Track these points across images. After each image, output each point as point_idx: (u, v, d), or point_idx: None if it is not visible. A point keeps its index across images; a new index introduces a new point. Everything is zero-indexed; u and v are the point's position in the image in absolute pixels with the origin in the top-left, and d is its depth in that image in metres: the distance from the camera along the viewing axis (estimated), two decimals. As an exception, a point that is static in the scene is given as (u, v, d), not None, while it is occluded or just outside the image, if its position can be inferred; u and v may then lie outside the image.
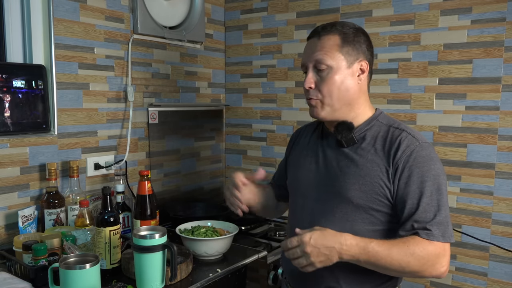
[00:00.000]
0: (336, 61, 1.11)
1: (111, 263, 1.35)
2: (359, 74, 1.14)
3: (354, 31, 1.14)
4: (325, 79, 1.12)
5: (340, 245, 1.02)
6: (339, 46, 1.12)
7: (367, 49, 1.15)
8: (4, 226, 1.53)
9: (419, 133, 1.13)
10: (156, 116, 2.05)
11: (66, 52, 1.68)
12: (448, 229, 1.06)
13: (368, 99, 1.21)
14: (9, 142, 1.53)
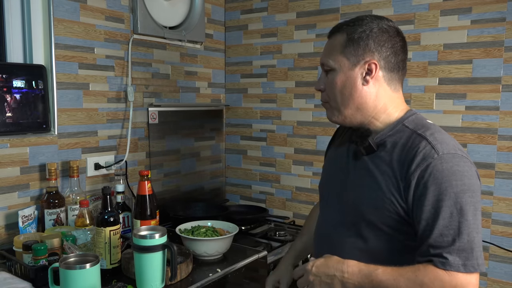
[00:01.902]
0: (338, 63, 1.03)
1: (111, 263, 1.35)
2: (365, 75, 1.02)
3: (364, 28, 1.02)
4: (329, 82, 1.06)
5: (341, 273, 0.96)
6: (342, 47, 1.03)
7: (380, 46, 1.01)
8: (4, 226, 1.53)
9: (446, 142, 0.96)
10: (156, 116, 2.05)
11: (66, 52, 1.68)
12: (472, 257, 0.89)
13: (395, 100, 1.06)
14: (9, 142, 1.53)
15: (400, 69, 1.05)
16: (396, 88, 1.06)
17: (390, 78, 1.04)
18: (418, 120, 1.04)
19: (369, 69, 1.02)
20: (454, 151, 0.94)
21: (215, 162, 2.43)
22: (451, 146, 0.95)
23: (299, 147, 2.24)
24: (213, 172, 2.42)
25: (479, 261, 0.90)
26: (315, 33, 2.14)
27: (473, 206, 0.91)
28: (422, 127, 1.01)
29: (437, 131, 0.99)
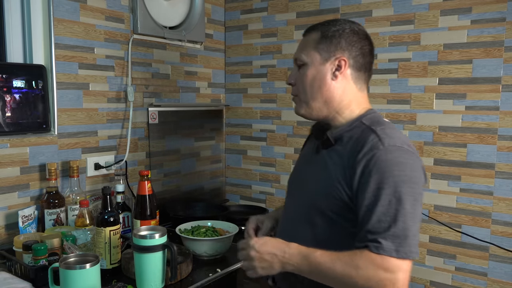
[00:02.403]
0: (311, 58, 1.09)
1: (111, 263, 1.35)
2: (334, 70, 1.08)
3: (338, 27, 1.08)
4: (300, 76, 1.11)
5: (283, 253, 0.99)
6: (315, 43, 1.09)
7: (351, 45, 1.07)
8: (4, 226, 1.53)
9: (394, 136, 1.00)
10: (156, 116, 2.05)
11: (66, 52, 1.68)
12: (405, 244, 0.91)
13: (360, 99, 1.11)
14: (9, 142, 1.53)
15: (366, 70, 1.11)
16: (362, 87, 1.12)
17: (357, 77, 1.10)
18: (375, 118, 1.09)
19: (339, 65, 1.08)
20: (400, 144, 0.98)
21: (215, 162, 2.43)
22: (397, 140, 0.99)
23: (299, 147, 2.24)
24: (213, 172, 2.42)
25: (412, 248, 0.92)
26: (315, 33, 2.13)
27: (413, 197, 0.94)
28: (376, 123, 1.05)
29: (389, 128, 1.04)
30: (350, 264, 0.93)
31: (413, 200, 0.94)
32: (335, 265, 0.94)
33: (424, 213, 1.90)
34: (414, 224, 0.94)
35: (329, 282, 0.97)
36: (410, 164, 0.96)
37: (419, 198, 0.97)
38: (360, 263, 0.92)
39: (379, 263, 0.91)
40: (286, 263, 0.99)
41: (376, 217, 0.93)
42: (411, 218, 0.93)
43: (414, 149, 1.01)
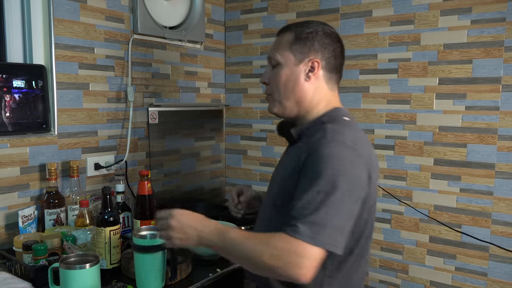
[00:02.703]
0: (285, 58, 1.11)
1: (111, 263, 1.35)
2: (308, 71, 1.11)
3: (311, 29, 1.11)
4: (274, 75, 1.13)
5: (202, 227, 1.01)
6: (290, 44, 1.11)
7: (324, 47, 1.10)
8: (4, 226, 1.53)
9: (341, 133, 1.01)
10: (156, 116, 2.05)
11: (66, 52, 1.68)
12: (323, 233, 0.89)
13: (330, 98, 1.14)
14: (9, 142, 1.53)
15: (338, 71, 1.15)
16: (333, 87, 1.15)
17: (329, 77, 1.13)
18: (335, 115, 1.10)
19: (312, 67, 1.10)
20: (343, 140, 0.99)
21: (215, 162, 2.43)
22: (341, 136, 1.00)
23: (299, 147, 2.24)
24: (213, 172, 2.42)
25: (330, 239, 0.90)
26: (315, 33, 2.13)
27: (346, 192, 0.93)
28: (333, 121, 1.08)
29: (342, 125, 1.06)
30: (262, 242, 0.93)
31: (341, 196, 0.93)
32: (247, 241, 0.95)
33: (424, 213, 1.90)
34: (338, 217, 0.92)
35: (240, 259, 0.97)
36: (349, 160, 0.96)
37: (353, 195, 0.95)
38: (272, 242, 0.92)
39: (292, 245, 0.90)
40: (203, 237, 1.01)
41: (301, 204, 0.93)
42: (337, 210, 0.92)
43: (362, 149, 1.01)
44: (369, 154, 1.05)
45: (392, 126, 1.96)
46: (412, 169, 1.93)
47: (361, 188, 0.98)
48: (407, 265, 1.97)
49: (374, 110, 2.00)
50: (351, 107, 2.06)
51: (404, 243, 1.97)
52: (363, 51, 2.01)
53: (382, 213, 2.02)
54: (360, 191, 0.98)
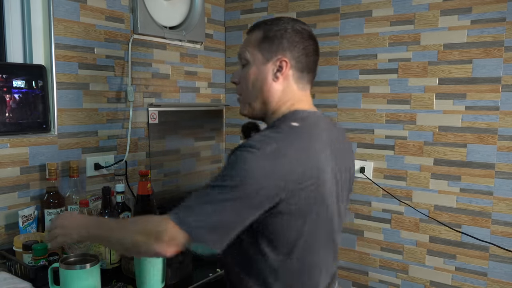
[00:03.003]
0: (253, 57, 1.08)
1: (111, 263, 1.35)
2: (276, 71, 1.07)
3: (280, 27, 1.07)
4: (244, 74, 1.10)
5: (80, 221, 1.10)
6: (258, 42, 1.08)
7: (293, 46, 1.06)
8: (4, 226, 1.53)
9: (263, 139, 0.95)
10: (156, 116, 2.05)
11: (66, 52, 1.68)
12: (190, 215, 0.90)
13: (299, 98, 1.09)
14: (9, 142, 1.53)
15: (310, 71, 1.10)
16: (304, 88, 1.10)
17: (298, 77, 1.08)
18: (286, 119, 1.05)
19: (280, 66, 1.06)
20: (263, 148, 0.92)
21: (215, 162, 2.43)
22: (264, 144, 0.93)
23: (299, 147, 2.24)
24: (213, 172, 2.42)
25: (194, 224, 0.89)
26: (315, 33, 2.13)
27: (239, 197, 0.90)
28: (279, 125, 1.03)
29: (280, 132, 0.99)
30: (128, 220, 1.01)
31: (240, 200, 0.90)
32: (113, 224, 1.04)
33: (424, 213, 1.90)
34: (222, 216, 0.90)
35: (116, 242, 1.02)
36: (251, 164, 0.91)
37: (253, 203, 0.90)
38: (139, 219, 0.98)
39: (157, 220, 0.94)
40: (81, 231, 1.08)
41: (196, 193, 0.94)
42: (217, 207, 0.90)
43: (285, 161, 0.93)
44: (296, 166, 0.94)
45: (392, 126, 1.96)
46: (412, 169, 1.93)
47: (260, 198, 0.90)
48: (407, 265, 1.97)
49: (374, 110, 2.00)
50: (351, 107, 2.06)
51: (404, 243, 1.97)
52: (363, 51, 2.01)
53: (382, 213, 2.02)
54: (256, 200, 0.90)
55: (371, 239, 2.06)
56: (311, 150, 0.99)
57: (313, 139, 1.02)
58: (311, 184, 0.96)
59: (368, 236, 2.06)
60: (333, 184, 1.04)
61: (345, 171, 1.12)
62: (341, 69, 2.08)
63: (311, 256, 1.03)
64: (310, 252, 1.03)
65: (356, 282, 2.12)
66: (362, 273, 2.10)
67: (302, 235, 0.99)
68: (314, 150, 1.00)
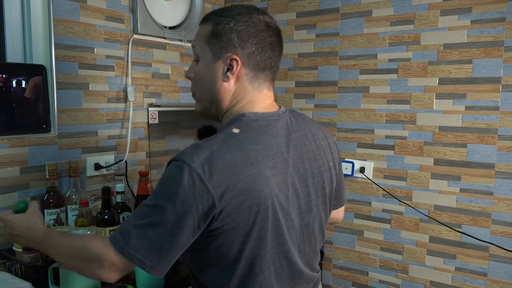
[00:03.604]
0: (203, 53, 0.97)
1: (111, 263, 1.35)
2: (226, 71, 0.95)
3: (229, 19, 0.95)
4: (196, 71, 1.00)
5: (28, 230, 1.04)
6: (207, 37, 0.96)
7: (244, 41, 0.94)
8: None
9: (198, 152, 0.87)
10: (156, 116, 2.05)
11: (66, 52, 1.68)
12: (128, 240, 0.85)
13: (254, 99, 0.98)
14: (9, 142, 1.53)
15: (267, 68, 0.98)
16: (260, 87, 0.98)
17: (253, 76, 0.97)
18: (231, 124, 0.95)
19: (230, 65, 0.95)
20: (190, 162, 0.86)
21: (215, 162, 2.43)
22: (191, 154, 0.87)
23: (299, 147, 2.24)
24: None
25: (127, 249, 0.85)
26: (315, 33, 2.14)
27: (160, 211, 0.85)
28: (220, 132, 0.94)
29: (212, 139, 0.90)
30: (73, 240, 0.96)
31: (157, 212, 0.85)
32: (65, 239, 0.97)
33: (424, 213, 1.90)
34: (142, 230, 0.85)
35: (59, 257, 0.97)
36: (174, 179, 0.87)
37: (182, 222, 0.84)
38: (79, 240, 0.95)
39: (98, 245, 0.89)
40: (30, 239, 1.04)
41: (132, 213, 0.91)
42: (142, 223, 0.86)
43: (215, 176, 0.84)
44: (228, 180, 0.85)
45: (392, 126, 1.96)
46: (412, 169, 1.93)
47: (193, 217, 0.84)
48: (407, 265, 1.97)
49: (374, 110, 2.00)
50: (351, 107, 2.06)
51: (404, 243, 1.97)
52: (363, 51, 2.01)
53: (382, 213, 2.02)
54: (190, 220, 0.84)
55: (371, 239, 2.06)
56: (245, 160, 0.87)
57: (251, 148, 0.89)
58: (247, 199, 0.86)
59: (368, 236, 2.06)
60: (288, 196, 0.93)
61: (318, 174, 1.01)
62: (341, 69, 2.08)
63: (256, 276, 0.92)
64: (254, 273, 0.92)
65: (356, 282, 2.12)
66: (362, 273, 2.10)
67: (242, 255, 0.90)
68: (250, 160, 0.88)
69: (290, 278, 0.98)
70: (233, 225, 0.87)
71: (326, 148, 1.06)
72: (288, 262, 0.96)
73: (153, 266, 0.85)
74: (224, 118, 1.00)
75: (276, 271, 0.95)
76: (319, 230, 1.04)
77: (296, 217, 0.96)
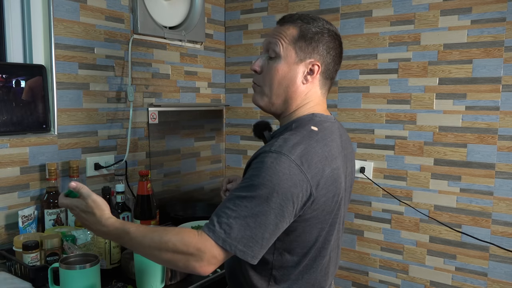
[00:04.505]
0: (286, 52, 1.03)
1: (111, 263, 1.35)
2: (306, 74, 1.05)
3: (318, 29, 1.04)
4: (270, 67, 1.05)
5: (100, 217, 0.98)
6: (294, 39, 1.03)
7: (327, 52, 1.05)
8: (4, 226, 1.53)
9: (289, 143, 0.93)
10: (156, 116, 2.05)
11: (66, 52, 1.68)
12: (230, 232, 0.87)
13: (319, 103, 1.09)
14: (9, 142, 1.53)
15: (332, 77, 1.10)
16: (324, 94, 1.11)
17: (323, 83, 1.09)
18: (304, 123, 1.03)
19: (311, 70, 1.05)
20: (288, 154, 0.91)
21: (215, 162, 2.43)
22: (289, 149, 0.92)
23: (299, 147, 2.24)
24: (213, 172, 2.42)
25: (239, 245, 0.87)
26: (315, 33, 2.13)
27: (271, 206, 0.88)
28: (297, 128, 1.01)
29: (301, 136, 0.97)
30: (163, 233, 0.91)
31: (272, 209, 0.88)
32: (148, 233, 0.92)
33: (424, 213, 1.90)
34: (259, 228, 0.88)
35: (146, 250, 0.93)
36: (287, 175, 0.89)
37: (284, 211, 0.89)
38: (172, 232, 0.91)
39: (192, 236, 0.89)
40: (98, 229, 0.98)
41: (227, 204, 0.91)
42: (259, 221, 0.88)
43: (309, 166, 0.92)
44: (322, 171, 0.94)
45: (392, 126, 1.96)
46: (412, 169, 1.93)
47: (293, 205, 0.91)
48: (407, 265, 1.97)
49: (374, 110, 2.00)
50: (351, 107, 2.06)
51: (404, 243, 1.97)
52: (363, 51, 2.01)
53: (382, 213, 2.02)
54: (291, 207, 0.90)
55: (371, 239, 2.06)
56: (330, 155, 0.98)
57: (331, 145, 1.01)
58: (332, 190, 0.98)
59: (368, 236, 2.06)
60: (344, 190, 1.06)
61: (350, 174, 1.13)
62: (341, 69, 2.07)
63: (322, 259, 1.05)
64: (321, 256, 1.04)
65: (356, 282, 2.12)
66: (362, 273, 2.10)
67: (318, 240, 1.01)
68: (333, 155, 0.99)
69: (336, 263, 1.14)
70: (319, 212, 0.97)
71: (352, 152, 1.20)
72: (338, 248, 1.13)
73: (255, 255, 0.90)
74: (289, 116, 1.08)
75: (333, 256, 1.09)
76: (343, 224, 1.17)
77: (344, 209, 1.10)
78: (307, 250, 1.01)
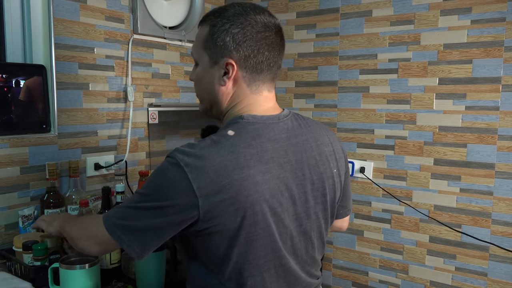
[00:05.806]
0: (200, 57, 0.98)
1: (111, 263, 1.35)
2: (223, 75, 0.95)
3: (225, 21, 0.93)
4: (195, 75, 1.02)
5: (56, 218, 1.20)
6: (204, 41, 0.96)
7: (238, 44, 0.92)
8: (4, 226, 1.53)
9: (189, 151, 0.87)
10: (156, 116, 2.05)
11: (66, 52, 1.68)
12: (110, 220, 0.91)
13: (253, 102, 0.97)
14: (9, 142, 1.53)
15: (264, 69, 0.96)
16: (259, 89, 0.97)
17: (251, 78, 0.96)
18: (227, 125, 0.95)
19: (227, 69, 0.94)
20: (177, 160, 0.86)
21: (215, 162, 2.43)
22: (184, 153, 0.87)
23: (299, 147, 2.23)
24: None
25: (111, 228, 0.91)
26: (315, 33, 2.14)
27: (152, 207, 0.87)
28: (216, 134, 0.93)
29: (207, 140, 0.90)
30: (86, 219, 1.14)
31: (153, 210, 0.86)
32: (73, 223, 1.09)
33: (424, 213, 1.90)
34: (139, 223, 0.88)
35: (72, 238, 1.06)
36: (164, 173, 0.87)
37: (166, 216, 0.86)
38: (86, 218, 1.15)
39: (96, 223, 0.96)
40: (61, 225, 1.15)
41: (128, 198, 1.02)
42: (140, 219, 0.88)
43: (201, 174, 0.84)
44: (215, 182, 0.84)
45: (392, 126, 1.96)
46: (412, 169, 1.93)
47: (175, 213, 0.85)
48: (407, 265, 1.97)
49: (374, 110, 2.00)
50: (351, 107, 2.06)
51: (404, 243, 1.97)
52: (363, 51, 2.01)
53: (382, 213, 2.02)
54: (173, 215, 0.85)
55: (371, 239, 2.06)
56: (238, 165, 0.86)
57: (244, 152, 0.88)
58: (233, 203, 0.85)
59: (368, 236, 2.06)
60: (281, 202, 0.91)
61: (318, 181, 0.98)
62: (341, 69, 2.08)
63: (247, 280, 0.91)
64: (243, 276, 0.91)
65: (356, 282, 2.12)
66: (362, 273, 2.10)
67: (230, 257, 0.89)
68: (244, 164, 0.86)
69: (286, 284, 0.97)
70: (219, 228, 0.86)
71: (330, 155, 1.03)
72: (284, 268, 0.95)
73: (133, 247, 0.90)
74: (225, 119, 1.00)
75: (270, 277, 0.93)
76: (318, 238, 1.02)
77: (291, 223, 0.94)
78: (221, 268, 0.91)
